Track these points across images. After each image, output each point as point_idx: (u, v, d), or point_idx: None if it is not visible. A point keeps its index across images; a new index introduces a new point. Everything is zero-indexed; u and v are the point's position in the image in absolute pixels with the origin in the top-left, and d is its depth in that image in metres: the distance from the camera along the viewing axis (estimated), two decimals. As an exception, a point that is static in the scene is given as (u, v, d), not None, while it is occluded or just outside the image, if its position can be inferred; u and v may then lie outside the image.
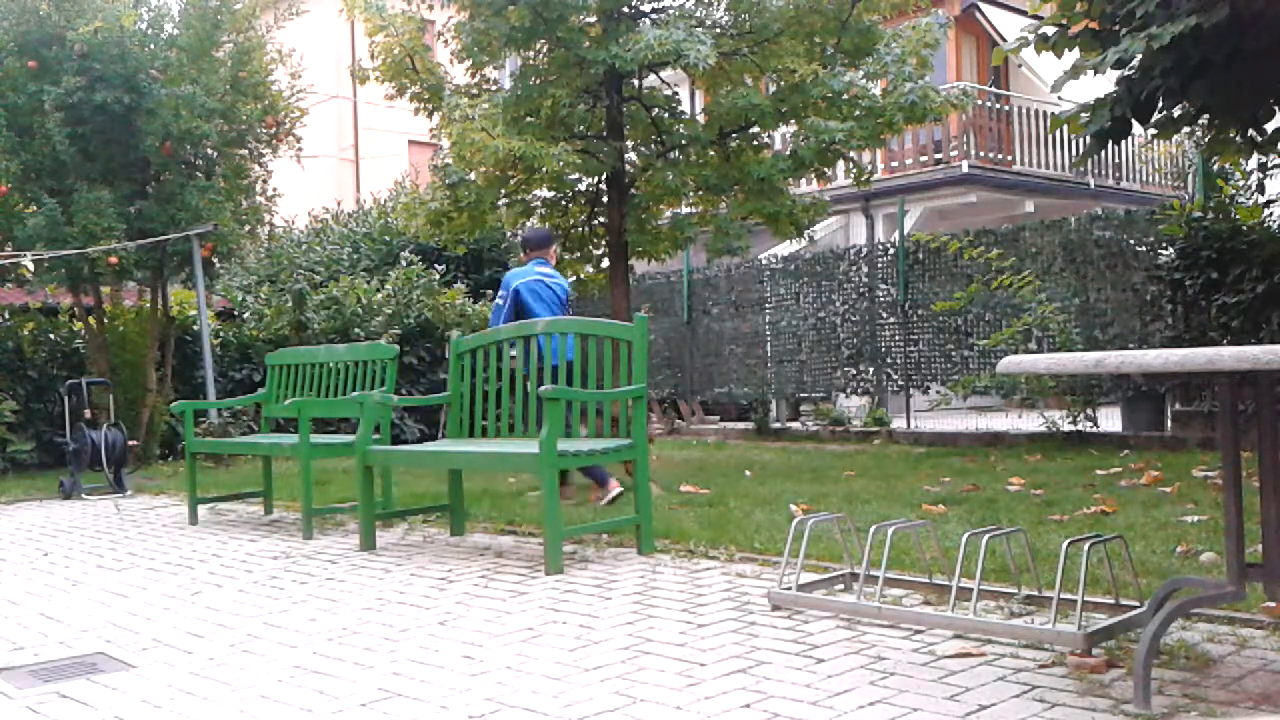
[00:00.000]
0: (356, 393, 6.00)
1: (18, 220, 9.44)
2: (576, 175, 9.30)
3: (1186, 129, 6.91)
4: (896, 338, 11.53)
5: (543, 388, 4.53)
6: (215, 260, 10.72)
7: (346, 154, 25.77)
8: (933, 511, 5.37)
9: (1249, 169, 8.61)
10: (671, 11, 9.45)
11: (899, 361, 11.48)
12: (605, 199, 9.77)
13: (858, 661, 2.98)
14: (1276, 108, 6.04)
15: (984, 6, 16.61)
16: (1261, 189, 8.56)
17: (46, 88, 9.22)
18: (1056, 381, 9.39)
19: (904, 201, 12.55)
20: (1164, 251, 9.08)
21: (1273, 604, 2.93)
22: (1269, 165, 8.36)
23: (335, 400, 6.35)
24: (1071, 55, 6.16)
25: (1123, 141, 6.69)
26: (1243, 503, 2.68)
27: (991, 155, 16.23)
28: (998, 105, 16.78)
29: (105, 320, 10.68)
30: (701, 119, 9.55)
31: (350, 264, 16.25)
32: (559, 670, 3.02)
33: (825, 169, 9.27)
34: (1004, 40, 11.67)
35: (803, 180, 9.73)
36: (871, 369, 11.76)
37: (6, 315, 10.98)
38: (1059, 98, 7.05)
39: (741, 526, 5.16)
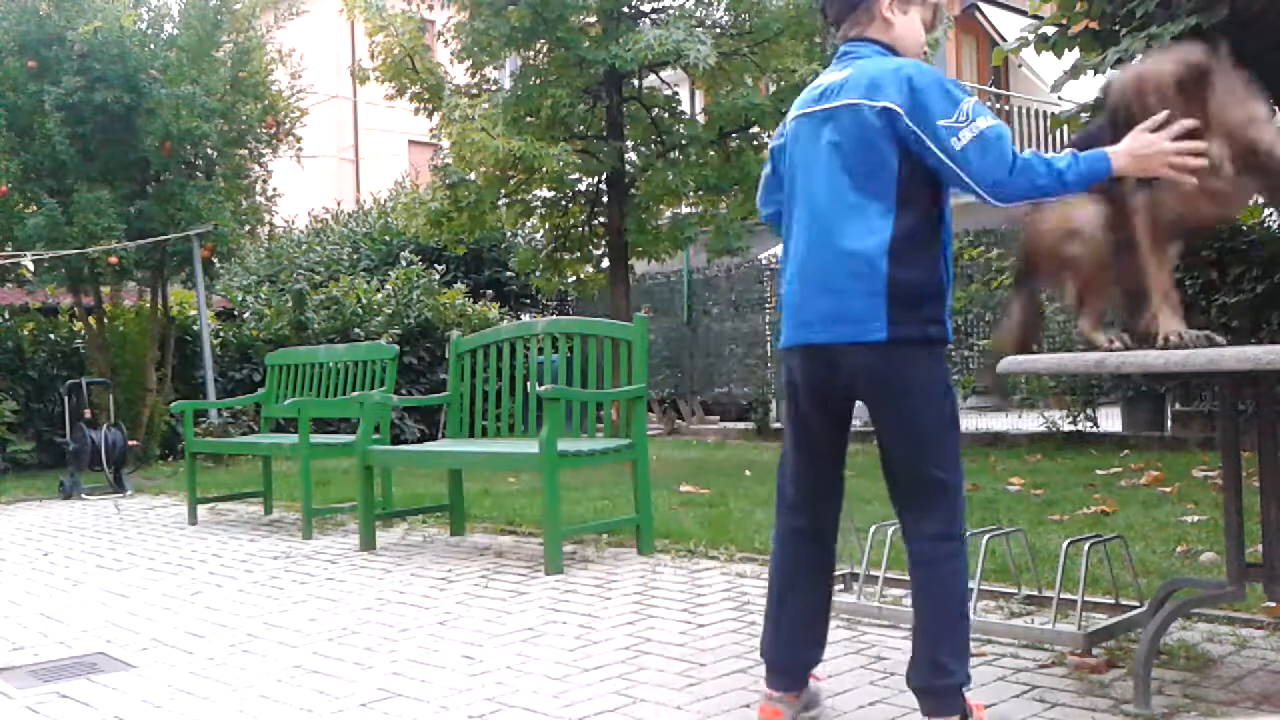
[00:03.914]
0: (356, 393, 6.00)
1: (18, 220, 9.43)
2: (576, 175, 9.31)
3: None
4: (896, 338, 11.51)
5: (542, 387, 4.53)
6: (215, 260, 10.70)
7: (346, 154, 25.76)
8: (933, 511, 5.36)
9: (1249, 169, 8.59)
10: (671, 11, 9.46)
11: (899, 361, 11.46)
12: (605, 199, 9.78)
13: (858, 661, 2.98)
14: (1276, 108, 6.04)
15: (984, 6, 16.61)
16: (1262, 189, 8.55)
17: (46, 88, 9.21)
18: (1056, 381, 9.39)
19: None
20: (1164, 251, 9.06)
21: (1273, 604, 2.93)
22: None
23: (335, 400, 6.34)
24: (1071, 55, 6.16)
25: (1123, 141, 6.67)
26: (1243, 503, 2.68)
27: (991, 155, 16.21)
28: (998, 105, 16.77)
29: (105, 320, 10.68)
30: (701, 119, 9.55)
31: (350, 264, 16.25)
32: (559, 670, 3.02)
33: (825, 169, 9.26)
34: (1004, 40, 11.67)
35: (803, 180, 9.72)
36: (872, 369, 11.74)
37: (6, 315, 10.97)
38: (1059, 98, 7.05)
39: (741, 526, 5.16)
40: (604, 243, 10.05)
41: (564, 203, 10.20)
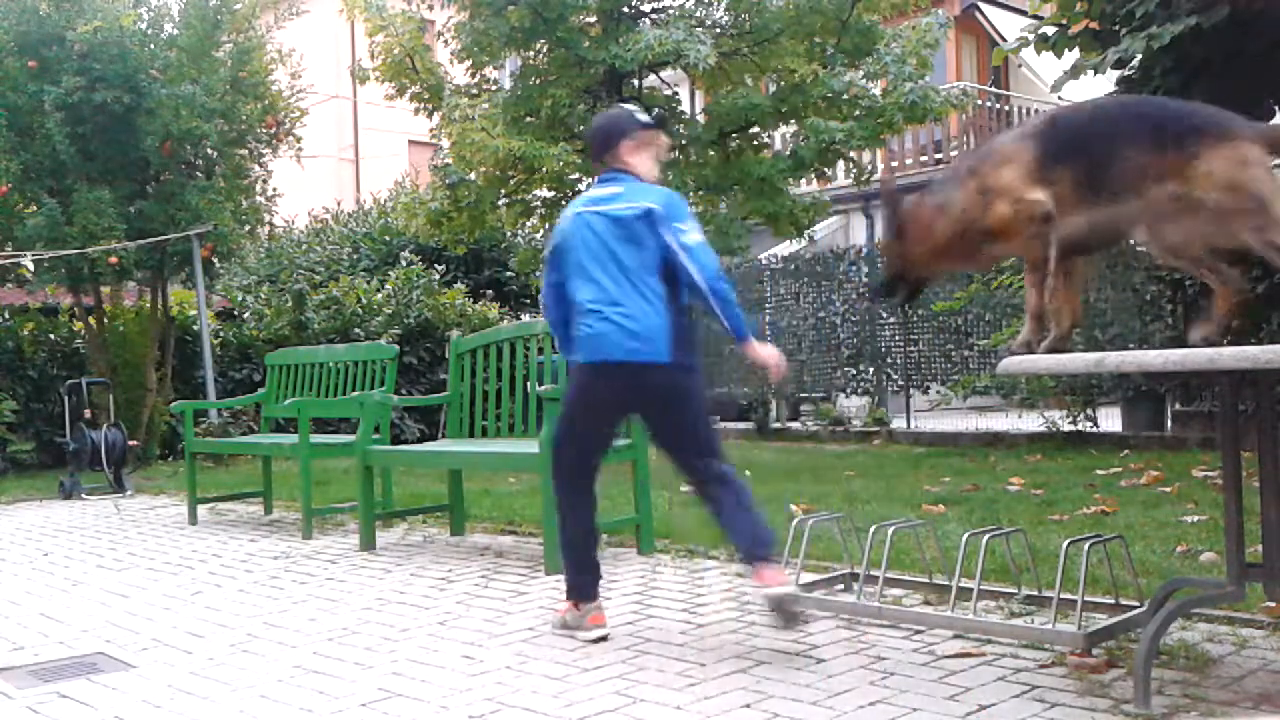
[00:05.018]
0: (356, 393, 6.00)
1: (18, 220, 9.43)
2: (576, 175, 9.31)
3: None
4: (896, 338, 11.53)
5: (543, 387, 4.53)
6: (215, 260, 10.70)
7: (346, 154, 25.75)
8: (933, 511, 5.37)
9: (1249, 169, 8.58)
10: (671, 11, 9.46)
11: (899, 361, 11.47)
12: (605, 199, 9.76)
13: (858, 661, 2.98)
14: (1276, 107, 6.04)
15: (984, 6, 16.60)
16: (1261, 189, 8.54)
17: (46, 88, 9.21)
18: (1056, 381, 9.38)
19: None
20: (1164, 251, 9.05)
21: (1273, 604, 2.93)
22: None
23: (335, 400, 6.34)
24: (1071, 55, 6.17)
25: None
26: (1243, 503, 2.68)
27: (991, 155, 16.20)
28: (998, 105, 16.77)
29: (105, 320, 10.68)
30: (701, 119, 9.55)
31: (350, 264, 16.25)
32: (559, 670, 3.02)
33: (825, 169, 9.27)
34: (1004, 40, 11.67)
35: (803, 180, 9.74)
36: (871, 369, 11.75)
37: (6, 315, 10.98)
38: (1059, 98, 7.05)
39: (741, 526, 5.15)
40: (604, 243, 10.04)
41: (564, 203, 10.20)
